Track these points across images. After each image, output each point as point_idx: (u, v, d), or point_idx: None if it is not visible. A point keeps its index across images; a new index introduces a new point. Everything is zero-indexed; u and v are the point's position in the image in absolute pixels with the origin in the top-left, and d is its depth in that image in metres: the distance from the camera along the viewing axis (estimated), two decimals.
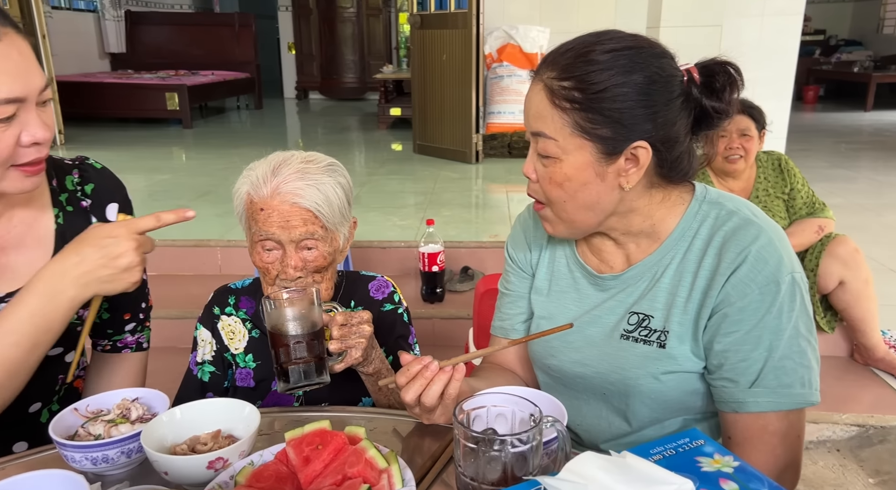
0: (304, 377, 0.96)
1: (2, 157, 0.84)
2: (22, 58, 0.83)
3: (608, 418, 1.00)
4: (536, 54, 5.03)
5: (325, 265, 1.12)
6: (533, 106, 0.89)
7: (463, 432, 0.69)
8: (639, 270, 0.96)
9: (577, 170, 0.87)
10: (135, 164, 5.01)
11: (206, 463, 0.76)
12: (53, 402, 1.12)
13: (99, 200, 1.08)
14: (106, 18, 8.33)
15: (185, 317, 2.70)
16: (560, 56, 0.87)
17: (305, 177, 1.07)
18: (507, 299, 1.13)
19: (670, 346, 0.91)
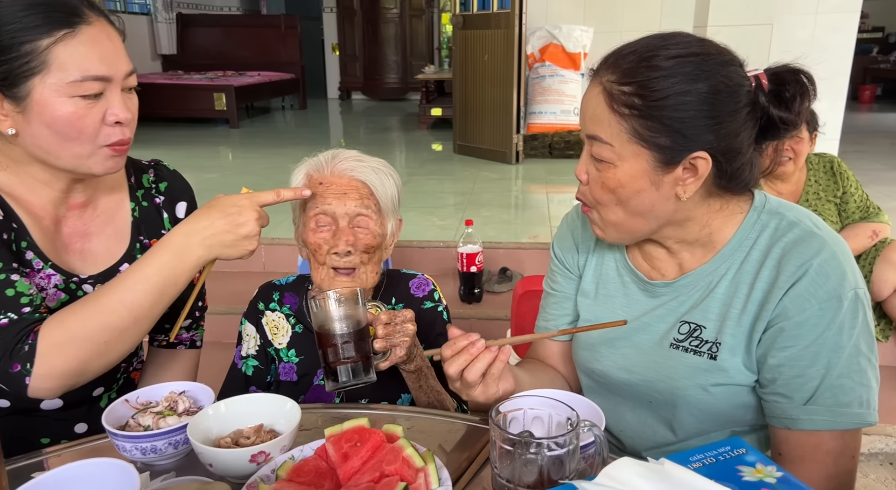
0: (352, 376, 0.99)
1: (89, 133, 0.92)
2: (111, 43, 0.92)
3: (653, 426, 0.98)
4: (579, 54, 4.99)
5: (374, 246, 1.14)
6: (590, 108, 0.86)
7: (499, 434, 0.70)
8: (692, 279, 0.94)
9: (632, 177, 0.85)
10: (184, 163, 5.14)
11: (249, 456, 0.78)
12: (113, 390, 1.18)
13: (171, 198, 1.17)
14: (158, 21, 8.60)
15: (230, 313, 2.77)
16: (622, 58, 0.84)
17: (364, 161, 1.16)
18: (552, 299, 1.13)
19: (722, 358, 0.89)
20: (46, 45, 0.87)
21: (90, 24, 0.90)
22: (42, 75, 0.88)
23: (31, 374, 0.85)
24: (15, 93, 0.89)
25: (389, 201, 1.16)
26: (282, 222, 3.57)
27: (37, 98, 0.89)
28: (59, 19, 0.88)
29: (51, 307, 0.98)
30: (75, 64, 0.88)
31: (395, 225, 1.21)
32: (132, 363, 1.21)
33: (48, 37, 0.87)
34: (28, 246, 0.98)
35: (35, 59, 0.87)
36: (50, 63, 0.87)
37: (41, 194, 1.00)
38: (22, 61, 0.87)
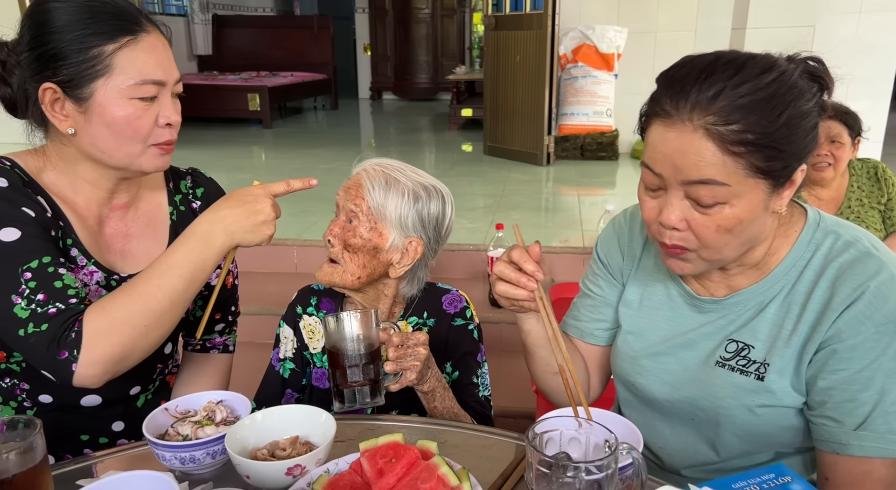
0: (358, 399, 1.01)
1: (143, 133, 0.99)
2: (165, 51, 1.01)
3: (694, 445, 0.96)
4: (613, 55, 4.93)
5: (356, 246, 1.15)
6: (691, 152, 0.78)
7: (536, 456, 0.69)
8: (743, 298, 0.92)
9: (749, 210, 0.81)
10: (218, 163, 5.24)
11: (285, 469, 0.79)
12: (150, 391, 1.21)
13: (207, 203, 1.20)
14: (195, 22, 8.76)
15: (263, 313, 2.81)
16: (711, 95, 0.77)
17: (389, 169, 1.17)
18: (588, 302, 1.10)
19: (769, 379, 0.87)
20: (111, 50, 0.94)
21: (149, 32, 0.98)
22: (105, 78, 0.94)
23: (78, 361, 0.88)
24: (78, 94, 0.95)
25: (392, 213, 1.15)
26: (315, 224, 3.63)
27: (99, 99, 0.95)
28: (124, 27, 0.95)
29: (93, 302, 1.01)
30: (136, 68, 0.96)
31: (402, 242, 1.17)
32: (168, 366, 1.24)
33: (113, 42, 0.94)
34: (73, 243, 1.03)
35: (100, 62, 0.94)
36: (113, 67, 0.94)
37: (87, 195, 1.05)
38: (88, 64, 0.93)
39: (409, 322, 1.26)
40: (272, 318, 2.92)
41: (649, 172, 0.84)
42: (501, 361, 2.61)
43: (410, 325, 1.26)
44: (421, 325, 1.26)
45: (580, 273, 3.44)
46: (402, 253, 1.19)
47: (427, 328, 1.25)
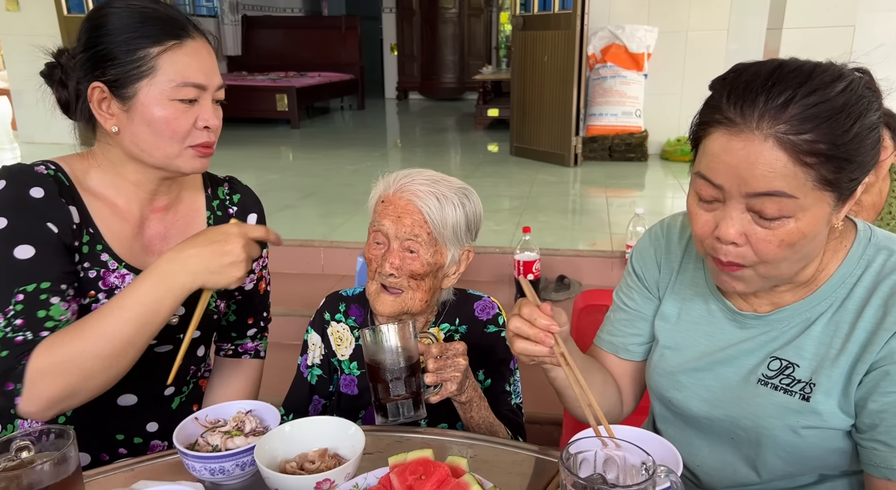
0: (402, 413, 1.00)
1: (181, 134, 1.02)
2: (209, 57, 1.04)
3: (733, 465, 0.93)
4: (643, 55, 4.86)
5: (423, 273, 1.13)
6: (760, 163, 0.75)
7: (570, 478, 0.67)
8: (788, 314, 0.88)
9: (814, 225, 0.78)
10: (246, 163, 5.30)
11: (314, 484, 0.78)
12: (184, 394, 1.22)
13: (243, 209, 1.24)
14: (225, 23, 8.87)
15: (290, 314, 2.82)
16: (781, 103, 0.74)
17: (433, 186, 1.14)
18: (623, 315, 1.07)
19: (815, 400, 0.84)
20: (157, 52, 0.98)
21: (194, 39, 1.02)
22: (149, 78, 0.98)
23: (21, 396, 0.88)
24: (123, 93, 0.99)
25: (450, 231, 1.14)
26: (341, 225, 3.64)
27: (141, 99, 0.99)
28: (170, 32, 0.99)
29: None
30: (179, 71, 0.99)
31: (458, 254, 1.18)
32: (201, 369, 1.26)
33: (159, 45, 0.98)
34: (103, 249, 1.05)
35: (145, 64, 0.98)
36: (157, 68, 0.98)
37: (129, 196, 1.09)
38: (134, 65, 0.98)
39: (441, 329, 1.24)
40: (299, 320, 2.93)
41: (707, 184, 0.80)
42: (528, 368, 2.59)
43: (443, 332, 1.24)
44: (453, 332, 1.24)
45: (608, 277, 3.38)
46: (458, 264, 1.19)
47: (459, 335, 1.24)
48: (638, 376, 1.08)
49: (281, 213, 3.78)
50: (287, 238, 3.35)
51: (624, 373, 1.09)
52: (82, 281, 1.03)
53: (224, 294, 1.20)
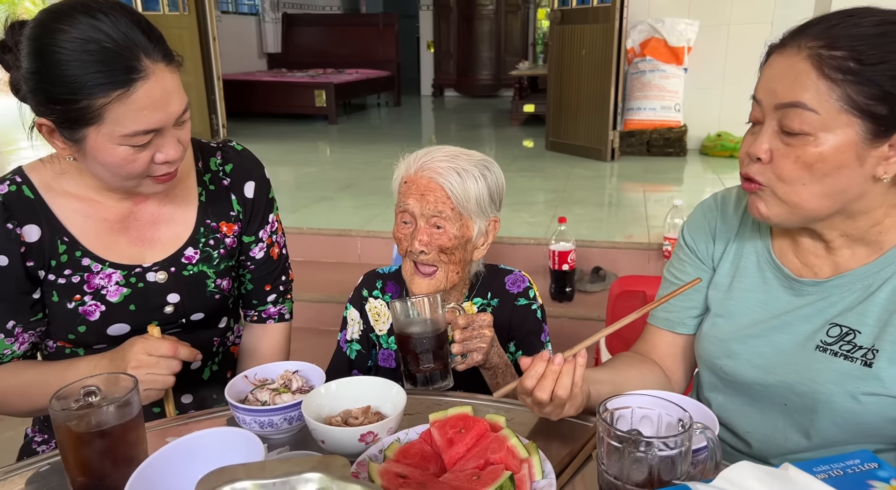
0: (430, 383, 1.04)
1: (137, 172, 0.97)
2: (164, 93, 0.93)
3: (784, 431, 0.93)
4: (683, 48, 4.80)
5: (451, 247, 1.16)
6: (787, 76, 0.79)
7: (607, 430, 0.69)
8: (849, 279, 0.88)
9: (837, 150, 0.78)
10: (285, 158, 5.40)
11: (359, 436, 0.81)
12: (214, 363, 1.26)
13: (237, 179, 1.19)
14: (265, 21, 9.05)
15: (327, 301, 2.89)
16: (823, 27, 0.78)
17: (452, 161, 1.16)
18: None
19: (878, 366, 0.83)
20: (101, 104, 0.89)
21: (146, 78, 0.91)
22: (97, 126, 0.91)
23: None
24: (72, 135, 0.93)
25: (473, 203, 1.15)
26: (377, 216, 3.69)
27: (91, 143, 0.93)
28: (116, 79, 0.88)
29: (112, 302, 1.09)
30: (129, 120, 0.91)
31: (485, 226, 1.20)
32: (226, 338, 1.28)
33: (104, 97, 0.89)
34: (83, 254, 1.07)
35: (90, 112, 0.90)
36: (104, 117, 0.90)
37: (107, 194, 1.08)
38: (78, 112, 0.90)
39: (475, 303, 1.27)
40: (335, 306, 2.99)
41: (753, 104, 0.85)
42: (561, 344, 2.59)
43: (476, 306, 1.27)
44: (485, 305, 1.27)
45: (645, 269, 3.36)
46: (486, 235, 1.22)
47: (491, 309, 1.27)
48: (690, 352, 1.08)
49: (318, 205, 3.85)
50: (324, 228, 3.43)
51: (677, 349, 1.09)
52: (65, 287, 1.06)
53: (226, 271, 1.19)
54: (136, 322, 1.10)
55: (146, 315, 1.11)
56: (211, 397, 1.26)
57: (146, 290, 1.11)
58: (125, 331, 1.10)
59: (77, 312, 1.07)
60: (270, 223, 1.25)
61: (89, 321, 1.08)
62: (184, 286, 1.14)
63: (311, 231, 3.39)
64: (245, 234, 1.22)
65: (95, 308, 1.08)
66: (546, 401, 0.85)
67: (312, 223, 3.48)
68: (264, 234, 1.24)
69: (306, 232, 3.38)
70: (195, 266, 1.15)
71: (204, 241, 1.16)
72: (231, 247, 1.20)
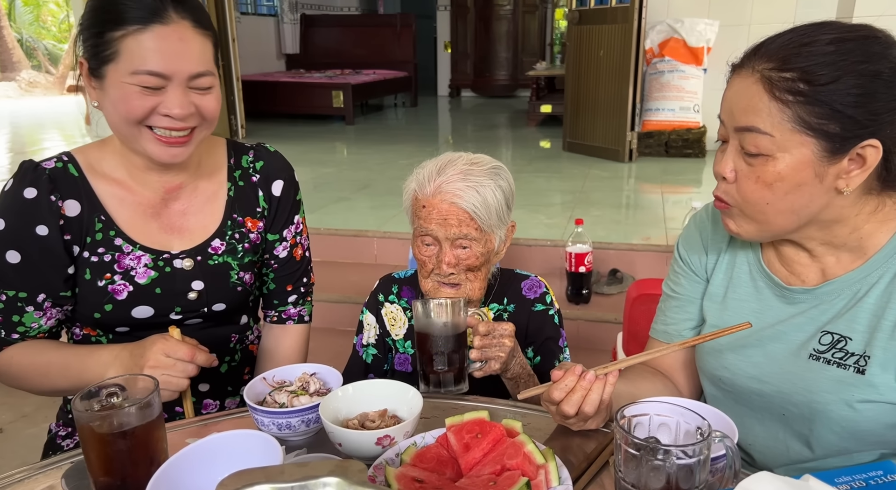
0: (443, 385, 1.03)
1: (135, 116, 1.00)
2: (180, 43, 0.99)
3: (786, 441, 0.93)
4: (702, 49, 4.75)
5: (478, 265, 1.16)
6: (742, 99, 0.82)
7: (625, 438, 0.69)
8: (837, 286, 0.88)
9: (794, 169, 0.80)
10: (303, 158, 5.43)
11: (375, 439, 0.82)
12: (234, 360, 1.28)
13: (266, 176, 1.23)
14: (284, 22, 9.11)
15: (344, 301, 2.90)
16: (776, 46, 0.80)
17: (467, 178, 1.13)
18: (673, 303, 1.09)
19: (871, 372, 0.83)
20: (118, 37, 0.97)
21: (166, 24, 0.98)
22: (114, 63, 0.98)
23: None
24: (97, 73, 1.01)
25: (495, 217, 1.15)
26: (394, 217, 3.71)
27: (108, 81, 1.00)
28: (135, 16, 0.97)
29: (140, 284, 1.12)
30: (138, 57, 0.97)
31: (504, 233, 1.20)
32: (246, 336, 1.31)
33: (121, 30, 0.97)
34: (116, 234, 1.11)
35: (109, 48, 0.98)
36: (120, 52, 0.98)
37: (141, 178, 1.12)
38: (101, 49, 0.98)
39: (491, 308, 1.27)
40: (353, 307, 3.01)
41: (720, 123, 0.87)
42: (579, 357, 2.57)
43: (492, 311, 1.27)
44: (501, 311, 1.27)
45: (662, 271, 3.35)
46: (505, 241, 1.22)
47: (507, 314, 1.26)
48: (693, 366, 1.08)
49: (335, 205, 3.87)
50: (342, 228, 3.45)
51: (680, 363, 1.10)
52: (98, 265, 1.10)
53: (249, 265, 1.22)
54: (161, 306, 1.14)
55: (171, 299, 1.15)
56: (226, 389, 1.28)
57: (172, 275, 1.14)
58: (149, 314, 1.14)
59: (106, 290, 1.10)
60: (296, 224, 1.28)
61: (116, 300, 1.11)
62: (209, 275, 1.17)
63: (329, 231, 3.41)
64: (270, 232, 1.25)
65: (124, 288, 1.11)
66: (572, 415, 0.85)
67: (330, 223, 3.50)
68: (288, 233, 1.27)
69: (323, 232, 3.40)
70: (220, 257, 1.19)
71: (230, 233, 1.20)
72: (255, 242, 1.23)
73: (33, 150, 6.34)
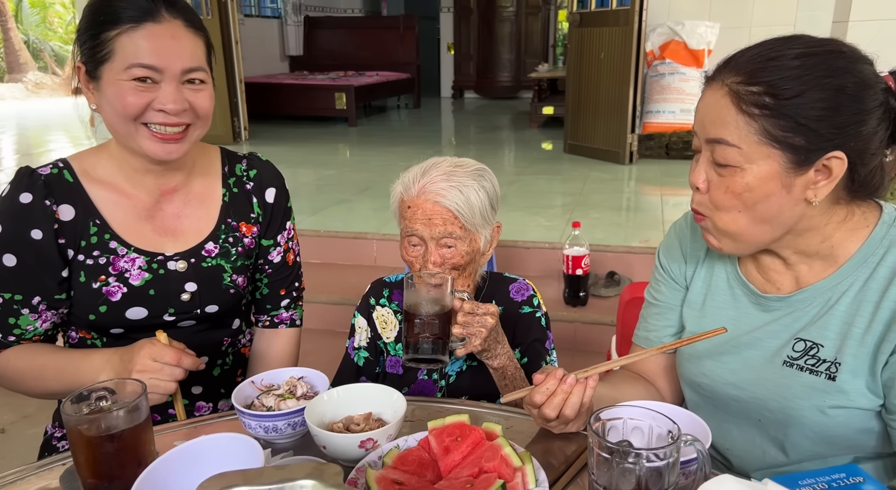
0: (427, 352, 1.02)
1: (131, 112, 1.04)
2: (173, 40, 1.04)
3: (762, 446, 0.95)
4: (703, 51, 4.76)
5: (463, 263, 1.18)
6: (711, 111, 0.84)
7: (597, 442, 0.71)
8: (809, 294, 0.90)
9: (761, 180, 0.82)
10: (305, 159, 5.47)
11: (359, 442, 0.84)
12: (226, 363, 1.31)
13: (260, 184, 1.27)
14: (288, 24, 9.15)
15: (343, 303, 2.92)
16: (745, 60, 0.82)
17: (451, 179, 1.16)
18: (654, 310, 1.11)
19: (842, 379, 0.85)
20: (113, 35, 1.02)
21: (158, 22, 1.03)
22: (110, 62, 1.03)
23: None
24: (94, 74, 1.05)
25: (478, 217, 1.17)
26: (393, 219, 3.72)
27: (105, 81, 1.04)
28: (130, 16, 1.02)
29: (134, 285, 1.15)
30: (131, 52, 1.02)
31: (490, 234, 1.22)
32: (237, 340, 1.33)
33: (116, 29, 1.02)
34: (111, 237, 1.14)
35: (105, 48, 1.02)
36: (115, 51, 1.02)
37: (136, 181, 1.16)
38: (97, 50, 1.03)
39: None
40: (351, 309, 3.02)
41: (694, 134, 0.89)
42: (575, 360, 2.60)
43: None
44: None
45: None
46: (490, 242, 1.24)
47: None
48: (674, 371, 1.10)
49: (337, 207, 3.90)
50: (341, 231, 3.47)
51: (661, 369, 1.12)
52: (93, 267, 1.13)
53: (242, 269, 1.24)
54: (154, 307, 1.17)
55: (164, 301, 1.17)
56: (219, 391, 1.31)
57: (166, 277, 1.17)
58: (143, 315, 1.16)
59: (101, 292, 1.13)
60: (287, 230, 1.32)
61: (111, 301, 1.14)
62: (202, 277, 1.20)
63: (329, 233, 3.43)
64: (264, 238, 1.29)
65: (118, 289, 1.14)
66: (553, 418, 0.87)
67: (330, 225, 3.52)
68: (282, 238, 1.31)
69: (324, 234, 3.42)
70: (214, 259, 1.21)
71: (224, 237, 1.23)
72: (249, 247, 1.26)
73: (39, 152, 6.40)
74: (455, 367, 1.28)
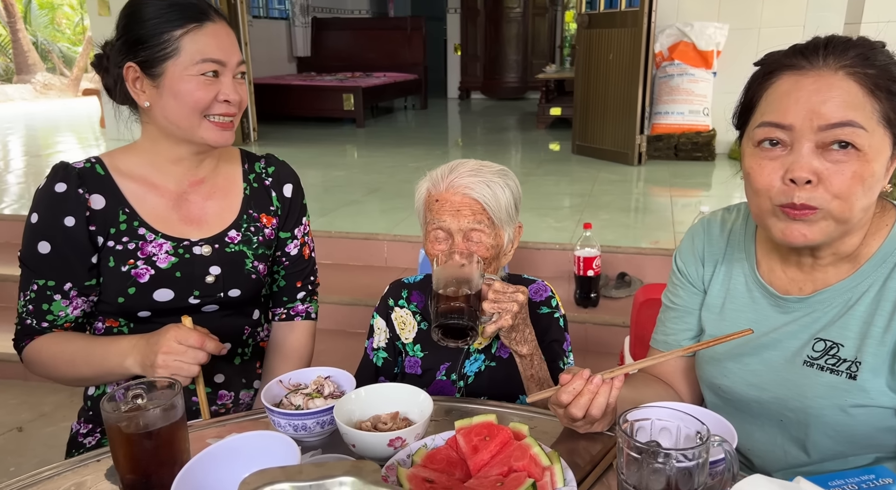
0: (452, 323, 1.01)
1: (203, 105, 1.14)
2: (228, 38, 1.17)
3: (783, 446, 0.96)
4: (712, 52, 4.76)
5: (488, 257, 1.19)
6: (836, 95, 0.78)
7: (627, 441, 0.72)
8: (829, 295, 0.91)
9: (879, 165, 0.80)
10: (314, 161, 5.48)
11: (388, 440, 0.85)
12: (246, 354, 1.35)
13: (278, 179, 1.36)
14: (295, 25, 9.17)
15: (355, 304, 2.94)
16: (842, 48, 0.81)
17: (478, 175, 1.19)
18: (672, 314, 1.12)
19: (862, 378, 0.86)
20: (179, 34, 1.12)
21: (214, 22, 1.15)
22: (174, 59, 1.12)
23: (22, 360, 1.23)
24: (153, 72, 1.13)
25: (504, 212, 1.20)
26: (403, 220, 3.74)
27: (169, 76, 1.13)
28: (191, 16, 1.13)
29: (161, 268, 1.21)
30: (199, 49, 1.12)
31: (512, 233, 1.24)
32: (257, 331, 1.38)
33: (181, 29, 1.12)
34: (140, 224, 1.21)
35: (170, 45, 1.12)
36: (181, 49, 1.12)
37: (166, 173, 1.24)
38: (161, 47, 1.12)
39: None
40: (363, 309, 3.04)
41: (774, 129, 0.82)
42: (587, 360, 2.60)
43: None
44: None
45: None
46: (513, 242, 1.26)
47: None
48: (693, 373, 1.11)
49: (346, 208, 3.92)
50: (352, 232, 3.48)
51: (680, 372, 1.12)
52: (122, 252, 1.19)
53: (263, 257, 1.31)
54: (180, 289, 1.22)
55: (190, 283, 1.23)
56: (240, 381, 1.34)
57: (192, 261, 1.23)
58: (169, 297, 1.21)
59: (129, 275, 1.19)
60: (303, 224, 1.40)
61: (139, 283, 1.19)
62: (226, 261, 1.26)
63: (339, 234, 3.45)
64: (282, 231, 1.36)
65: (146, 271, 1.20)
66: (579, 417, 0.88)
67: (340, 226, 3.54)
68: (298, 232, 1.38)
69: (334, 235, 3.44)
70: (236, 245, 1.28)
71: (246, 226, 1.30)
72: (269, 238, 1.33)
73: (48, 153, 6.43)
74: (474, 367, 1.29)
